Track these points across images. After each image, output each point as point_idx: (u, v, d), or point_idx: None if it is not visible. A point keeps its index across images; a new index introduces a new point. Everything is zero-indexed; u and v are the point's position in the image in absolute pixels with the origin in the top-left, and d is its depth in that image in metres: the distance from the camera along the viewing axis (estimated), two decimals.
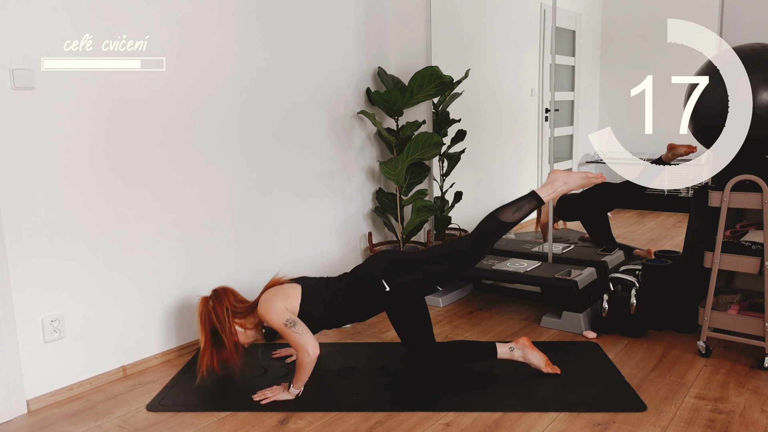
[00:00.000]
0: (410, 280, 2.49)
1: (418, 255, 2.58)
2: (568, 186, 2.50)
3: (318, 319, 2.48)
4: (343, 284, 2.54)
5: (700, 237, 2.91)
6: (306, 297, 2.47)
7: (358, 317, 2.57)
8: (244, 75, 3.14)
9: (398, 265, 2.51)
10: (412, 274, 2.50)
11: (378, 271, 2.50)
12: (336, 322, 2.55)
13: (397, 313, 2.58)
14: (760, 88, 2.57)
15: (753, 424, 2.21)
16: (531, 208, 2.48)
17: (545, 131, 3.89)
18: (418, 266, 2.51)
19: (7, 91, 2.33)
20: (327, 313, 2.49)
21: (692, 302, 2.96)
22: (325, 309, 2.48)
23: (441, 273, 2.52)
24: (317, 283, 2.56)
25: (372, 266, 2.55)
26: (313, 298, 2.48)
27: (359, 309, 2.52)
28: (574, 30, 3.84)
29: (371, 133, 3.96)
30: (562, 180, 2.50)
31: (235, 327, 2.49)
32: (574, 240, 3.87)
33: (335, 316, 2.51)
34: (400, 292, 2.48)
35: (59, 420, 2.40)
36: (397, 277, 2.48)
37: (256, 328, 2.55)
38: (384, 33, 3.99)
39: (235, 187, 3.16)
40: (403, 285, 2.48)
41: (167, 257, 2.90)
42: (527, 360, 2.61)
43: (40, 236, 2.46)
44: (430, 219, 4.02)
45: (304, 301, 2.46)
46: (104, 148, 2.63)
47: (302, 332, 2.37)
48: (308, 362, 2.38)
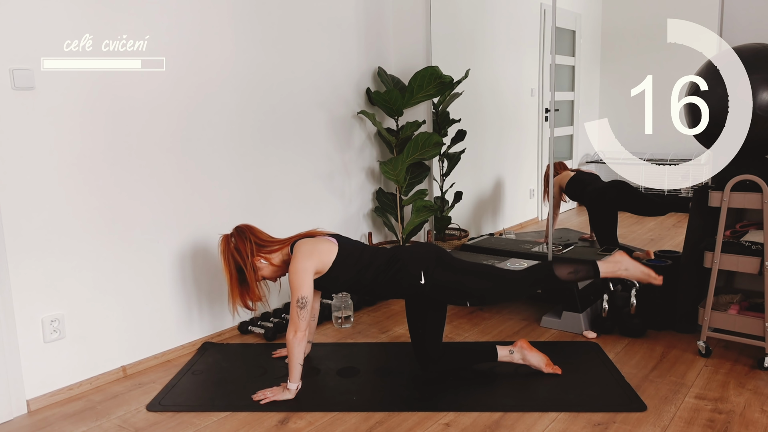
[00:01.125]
0: (447, 282, 2.50)
1: (465, 264, 2.59)
2: (628, 273, 2.53)
3: (345, 281, 2.51)
4: (380, 258, 2.54)
5: (700, 237, 2.91)
6: (341, 257, 2.49)
7: (380, 294, 2.60)
8: (244, 75, 3.14)
9: (443, 265, 2.52)
10: (451, 278, 2.50)
11: (423, 261, 2.50)
12: (359, 289, 2.57)
13: (416, 307, 2.59)
14: (760, 88, 2.57)
15: (753, 424, 2.21)
16: (586, 276, 2.53)
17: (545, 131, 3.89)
18: (460, 274, 2.52)
19: (7, 91, 2.33)
20: (355, 279, 2.51)
21: (692, 302, 2.96)
22: (355, 274, 2.50)
23: (476, 289, 2.53)
24: (354, 246, 2.58)
25: (419, 254, 2.55)
26: (348, 260, 2.50)
27: (386, 287, 2.53)
28: (574, 30, 3.84)
29: (371, 133, 3.96)
30: (625, 266, 2.53)
31: (260, 260, 2.53)
32: (574, 240, 3.87)
33: (363, 283, 2.53)
34: (431, 289, 2.49)
35: (59, 420, 2.40)
36: (437, 275, 2.48)
37: (282, 265, 2.58)
38: (384, 32, 3.99)
39: (234, 186, 3.16)
40: (437, 284, 2.49)
41: (167, 257, 2.90)
42: (527, 361, 2.61)
43: (40, 236, 2.46)
44: (430, 219, 4.02)
45: (338, 260, 2.48)
46: (104, 148, 2.63)
47: (303, 316, 2.40)
48: (291, 340, 2.40)
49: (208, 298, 3.10)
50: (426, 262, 2.50)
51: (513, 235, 4.15)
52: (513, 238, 4.10)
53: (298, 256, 2.45)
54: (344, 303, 3.28)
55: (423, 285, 2.48)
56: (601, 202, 3.78)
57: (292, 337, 2.40)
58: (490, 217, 4.29)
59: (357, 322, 3.35)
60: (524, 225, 4.28)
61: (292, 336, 2.40)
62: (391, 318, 3.40)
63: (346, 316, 3.28)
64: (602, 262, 2.54)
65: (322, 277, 2.50)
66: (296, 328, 2.39)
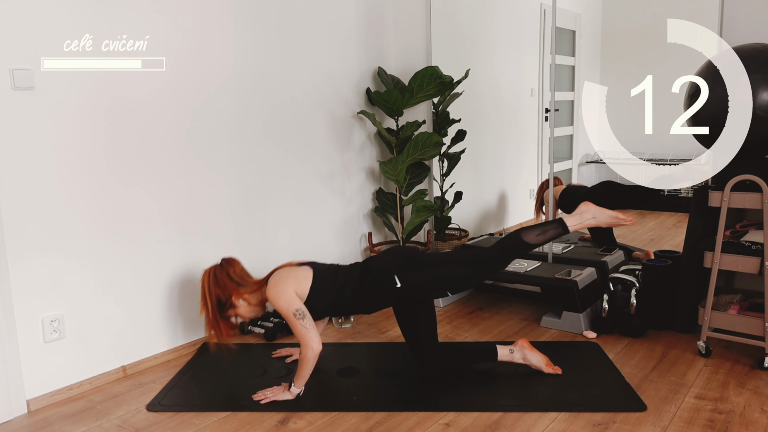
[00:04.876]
0: (423, 280, 2.49)
1: (435, 257, 2.58)
2: (597, 221, 2.51)
3: (326, 305, 2.48)
4: (354, 273, 2.52)
5: (700, 237, 2.91)
6: (317, 282, 2.46)
7: (364, 309, 2.57)
8: (244, 75, 3.14)
9: (413, 263, 2.51)
10: (426, 273, 2.49)
11: (392, 266, 2.49)
12: (343, 310, 2.54)
13: (403, 310, 2.58)
14: (760, 88, 2.57)
15: (753, 424, 2.21)
16: (556, 234, 2.50)
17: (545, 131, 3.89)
18: (433, 267, 2.51)
19: (7, 91, 2.33)
20: (335, 300, 2.48)
21: (692, 302, 2.96)
22: (334, 296, 2.48)
23: (454, 277, 2.52)
24: (329, 269, 2.55)
25: (387, 260, 2.54)
26: (324, 283, 2.47)
27: (367, 300, 2.52)
28: (574, 30, 3.84)
29: (371, 133, 3.96)
30: (591, 213, 2.51)
31: (239, 299, 2.50)
32: (574, 240, 3.87)
33: (343, 304, 2.50)
34: (410, 290, 2.48)
35: (59, 420, 2.40)
36: (410, 275, 2.47)
37: (259, 305, 2.55)
38: (384, 33, 3.99)
39: (234, 187, 3.16)
40: (414, 283, 2.48)
41: (167, 257, 2.90)
42: (527, 361, 2.61)
43: (40, 236, 2.46)
44: (430, 219, 4.02)
45: (315, 285, 2.45)
46: (104, 148, 2.63)
47: (309, 327, 2.37)
48: (311, 357, 2.38)
49: None
50: (395, 266, 2.49)
51: None
52: None
53: (272, 284, 2.43)
54: None
55: (400, 288, 2.46)
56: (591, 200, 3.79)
57: (312, 356, 2.37)
58: (490, 217, 4.29)
59: (357, 323, 3.35)
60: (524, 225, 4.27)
61: (310, 353, 2.36)
62: (391, 318, 3.39)
63: (346, 317, 3.28)
64: (568, 216, 2.50)
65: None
66: (310, 342, 2.36)
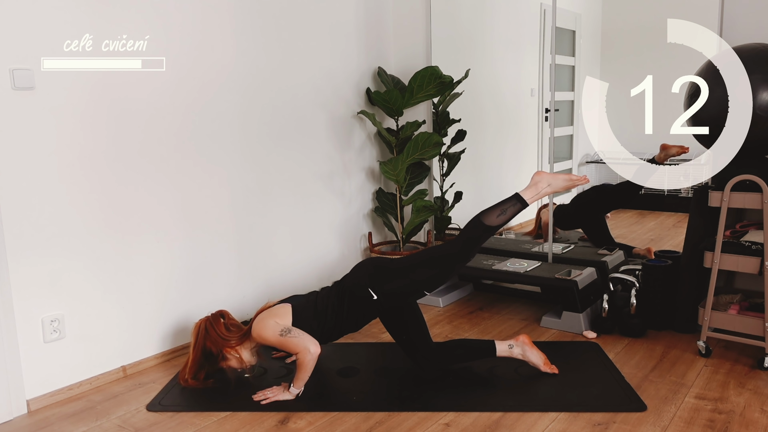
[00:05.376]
0: (397, 287, 2.50)
1: (403, 261, 2.58)
2: (552, 188, 2.49)
3: (312, 334, 2.46)
4: (331, 297, 2.54)
5: (700, 237, 2.91)
6: (297, 314, 2.48)
7: (350, 328, 2.58)
8: (244, 75, 3.14)
9: (384, 273, 2.52)
10: (398, 280, 2.50)
11: (364, 280, 2.51)
12: (330, 335, 2.55)
13: (389, 319, 2.60)
14: (760, 88, 2.57)
15: (753, 424, 2.21)
16: (515, 211, 2.49)
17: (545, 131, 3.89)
18: (404, 273, 2.52)
19: (7, 91, 2.33)
20: (320, 327, 2.49)
21: (692, 302, 2.96)
22: (317, 323, 2.49)
23: (427, 278, 2.53)
24: (306, 299, 2.57)
25: (358, 275, 2.56)
26: (304, 314, 2.49)
27: (350, 320, 2.53)
28: (574, 30, 3.84)
29: (371, 133, 3.96)
30: (546, 182, 2.50)
31: (231, 352, 2.51)
32: (574, 240, 3.87)
33: (328, 329, 2.51)
34: (387, 299, 2.49)
35: (59, 420, 2.40)
36: (384, 285, 2.49)
37: (252, 353, 2.56)
38: (384, 33, 3.99)
39: (235, 187, 3.16)
40: (390, 292, 2.49)
41: (167, 257, 2.90)
42: (526, 358, 2.61)
43: (40, 236, 2.46)
44: (430, 219, 4.02)
45: (296, 318, 2.47)
46: (104, 148, 2.63)
47: (299, 335, 2.39)
48: (310, 360, 2.38)
49: (208, 298, 3.10)
50: (367, 279, 2.50)
51: (513, 235, 4.15)
52: (513, 238, 4.10)
53: (255, 329, 2.45)
54: None
55: (377, 300, 2.47)
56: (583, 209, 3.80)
57: (311, 359, 2.38)
58: None
59: None
60: (524, 225, 4.27)
61: (309, 356, 2.37)
62: None
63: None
64: (524, 190, 2.49)
65: None
66: (306, 347, 2.37)
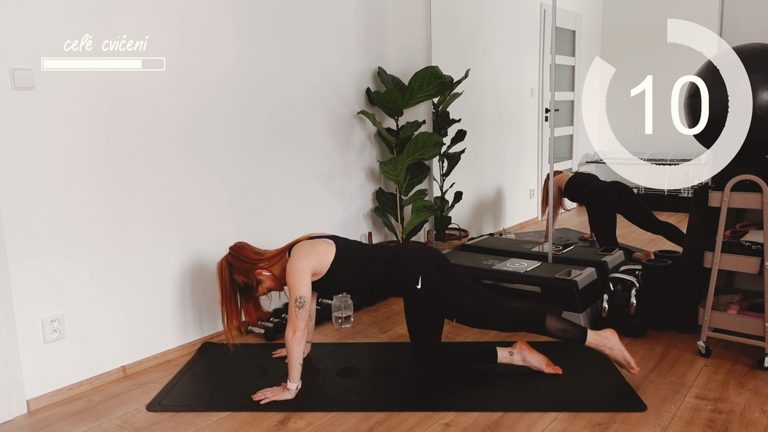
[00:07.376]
0: (442, 293, 2.48)
1: (462, 279, 2.55)
2: (611, 353, 2.50)
3: (344, 282, 2.51)
4: (380, 257, 2.54)
5: (700, 237, 2.91)
6: (339, 257, 2.49)
7: (378, 294, 2.60)
8: (244, 75, 3.14)
9: (441, 273, 2.50)
10: (448, 289, 2.49)
11: (422, 267, 2.49)
12: (359, 290, 2.57)
13: (414, 309, 2.59)
14: (760, 88, 2.57)
15: (753, 424, 2.21)
16: (574, 337, 2.50)
17: (545, 131, 3.89)
18: (456, 288, 2.50)
19: (7, 91, 2.33)
20: (354, 279, 2.51)
21: (692, 302, 2.96)
22: (354, 275, 2.51)
23: (467, 312, 2.52)
24: (352, 246, 2.58)
25: (420, 258, 2.53)
26: (346, 260, 2.50)
27: (383, 286, 2.54)
28: (574, 30, 3.84)
29: (371, 133, 3.96)
30: (611, 344, 2.50)
31: (262, 272, 2.55)
32: (574, 240, 3.87)
33: (361, 283, 2.53)
34: (426, 294, 2.49)
35: (59, 420, 2.40)
36: (434, 283, 2.48)
37: (284, 274, 2.57)
38: (384, 33, 3.99)
39: (235, 186, 3.16)
40: (433, 291, 2.48)
41: (167, 257, 2.90)
42: (527, 363, 2.61)
43: (40, 236, 2.46)
44: (430, 219, 4.02)
45: (336, 260, 2.49)
46: (104, 148, 2.63)
47: (301, 316, 2.41)
48: (290, 340, 2.40)
49: (208, 298, 3.10)
50: (427, 268, 2.49)
51: (513, 235, 4.15)
52: (513, 238, 4.10)
53: (295, 256, 2.46)
54: (344, 303, 3.28)
55: (419, 290, 2.47)
56: (600, 202, 3.78)
57: (291, 337, 2.40)
58: (490, 217, 4.29)
59: (357, 322, 3.35)
60: (524, 225, 4.28)
61: (291, 335, 2.40)
62: (391, 318, 3.40)
63: (346, 316, 3.28)
64: (593, 332, 2.51)
65: (321, 279, 2.49)
66: (295, 327, 2.40)
